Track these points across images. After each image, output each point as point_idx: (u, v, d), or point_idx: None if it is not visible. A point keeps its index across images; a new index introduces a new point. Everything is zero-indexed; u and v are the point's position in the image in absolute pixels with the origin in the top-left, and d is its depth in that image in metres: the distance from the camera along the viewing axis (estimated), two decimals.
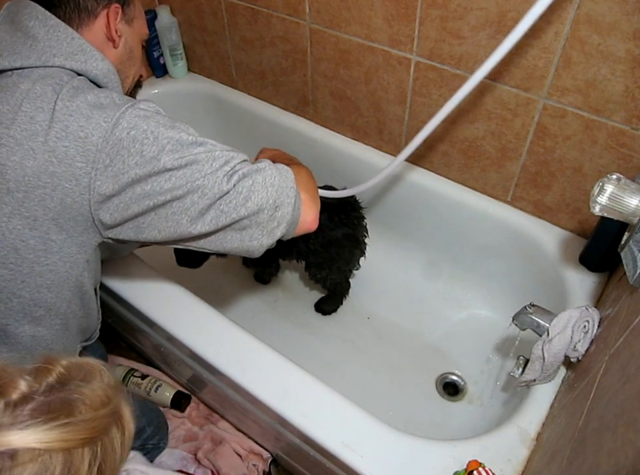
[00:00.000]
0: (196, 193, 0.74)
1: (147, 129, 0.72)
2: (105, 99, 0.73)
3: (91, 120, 0.71)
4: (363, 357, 1.37)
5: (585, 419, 0.66)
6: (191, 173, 0.73)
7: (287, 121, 1.49)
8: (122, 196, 0.73)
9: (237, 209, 0.76)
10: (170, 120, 0.76)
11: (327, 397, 0.94)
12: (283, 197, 0.80)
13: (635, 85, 0.91)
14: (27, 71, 0.74)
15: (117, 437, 0.49)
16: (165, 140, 0.72)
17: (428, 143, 1.27)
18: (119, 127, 0.71)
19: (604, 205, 0.78)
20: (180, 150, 0.73)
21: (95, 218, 0.75)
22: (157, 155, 0.72)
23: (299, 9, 1.24)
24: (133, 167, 0.71)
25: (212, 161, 0.75)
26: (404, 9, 1.07)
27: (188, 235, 0.78)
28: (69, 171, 0.71)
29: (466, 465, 0.84)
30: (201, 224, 0.76)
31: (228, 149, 0.78)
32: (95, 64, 0.78)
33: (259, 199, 0.77)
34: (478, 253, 1.36)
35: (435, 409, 1.27)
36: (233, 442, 1.27)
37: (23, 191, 0.71)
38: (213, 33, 1.48)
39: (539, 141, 1.10)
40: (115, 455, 0.49)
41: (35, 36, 0.75)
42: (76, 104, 0.71)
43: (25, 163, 0.71)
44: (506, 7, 0.95)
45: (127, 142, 0.71)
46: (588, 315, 0.89)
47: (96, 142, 0.70)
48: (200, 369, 1.10)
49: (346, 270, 1.36)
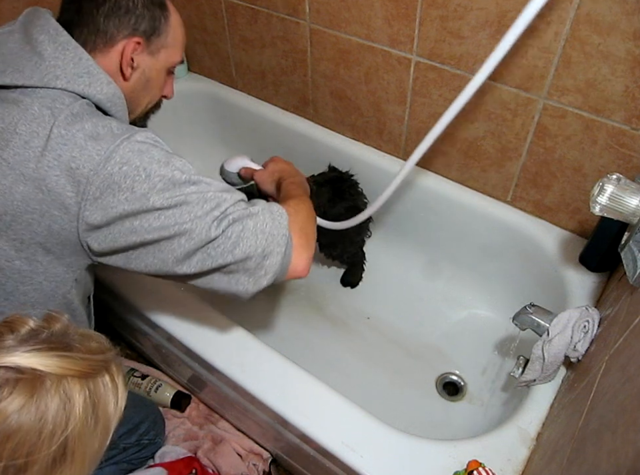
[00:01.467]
0: (183, 236, 0.72)
1: (139, 166, 0.70)
2: (103, 129, 0.72)
3: (84, 151, 0.69)
4: (362, 357, 1.37)
5: (585, 419, 0.66)
6: (180, 214, 0.72)
7: (287, 121, 1.49)
8: (110, 228, 0.72)
9: (224, 255, 0.75)
10: (166, 154, 0.74)
11: (327, 397, 0.94)
12: (273, 246, 0.77)
13: (635, 84, 0.91)
14: (28, 90, 0.72)
15: (109, 386, 0.54)
16: (156, 178, 0.71)
17: None
18: (111, 161, 0.70)
19: (604, 205, 0.78)
20: (171, 189, 0.71)
21: (84, 244, 0.74)
22: (147, 193, 0.70)
23: (298, 9, 1.24)
24: (122, 202, 0.70)
25: (203, 202, 0.73)
26: (404, 9, 1.07)
27: (173, 274, 0.77)
28: (59, 199, 0.70)
29: (466, 465, 0.84)
30: (187, 266, 0.75)
31: (222, 189, 0.76)
32: (99, 88, 0.76)
33: (248, 246, 0.75)
34: (478, 253, 1.36)
35: (435, 409, 1.27)
36: (233, 442, 1.27)
37: (11, 214, 0.71)
38: (213, 33, 1.48)
39: (539, 141, 1.10)
40: (107, 400, 0.53)
41: (41, 53, 0.74)
42: (72, 133, 0.70)
43: (15, 188, 0.70)
44: (506, 7, 0.95)
45: (118, 177, 0.70)
46: (588, 315, 0.89)
47: (87, 174, 0.69)
48: (200, 369, 1.10)
49: (359, 240, 1.38)
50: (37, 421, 0.47)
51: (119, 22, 0.78)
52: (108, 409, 0.54)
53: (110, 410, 0.54)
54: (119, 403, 0.55)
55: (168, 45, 0.85)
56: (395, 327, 1.42)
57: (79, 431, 0.50)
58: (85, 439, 0.51)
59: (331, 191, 1.26)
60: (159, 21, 0.82)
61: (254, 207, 0.77)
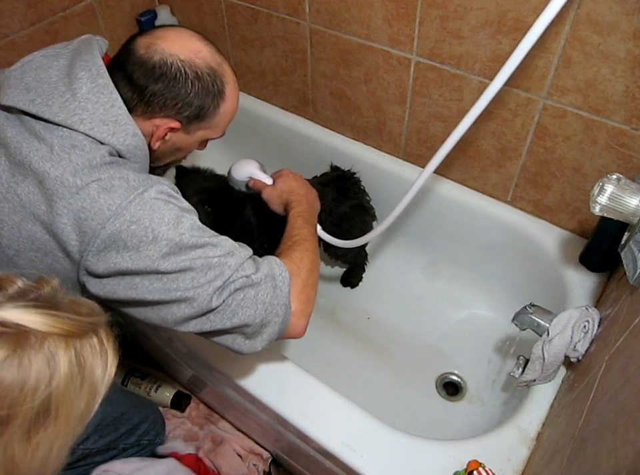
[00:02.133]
0: (183, 303, 0.72)
1: (148, 227, 0.69)
2: (119, 181, 0.71)
3: (95, 204, 0.69)
4: (362, 357, 1.37)
5: (585, 419, 0.66)
6: (182, 280, 0.71)
7: (287, 121, 1.49)
8: (110, 280, 0.71)
9: (223, 321, 0.74)
10: (177, 213, 0.72)
11: (327, 397, 0.94)
12: (272, 316, 0.76)
13: (635, 84, 0.91)
14: (52, 127, 0.72)
15: (97, 349, 0.53)
16: (163, 241, 0.69)
17: (428, 144, 1.27)
18: (120, 218, 0.69)
19: (604, 205, 0.78)
20: (177, 253, 0.70)
21: (82, 284, 0.74)
22: (152, 256, 0.69)
23: (298, 8, 1.24)
24: (126, 260, 0.69)
25: (207, 269, 0.71)
26: (404, 9, 1.07)
27: (171, 330, 0.76)
28: (63, 245, 0.70)
29: (466, 465, 0.84)
30: (184, 327, 0.75)
31: (228, 251, 0.74)
32: (122, 139, 0.74)
33: (247, 316, 0.74)
34: (478, 253, 1.36)
35: (435, 409, 1.27)
36: (233, 442, 1.27)
37: (15, 249, 0.71)
38: (213, 32, 1.48)
39: (539, 141, 1.10)
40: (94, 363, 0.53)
41: (75, 91, 0.72)
42: (86, 183, 0.69)
43: (23, 226, 0.70)
44: (506, 7, 0.95)
45: (125, 235, 0.69)
46: (588, 315, 0.89)
47: (94, 227, 0.68)
48: (200, 369, 1.10)
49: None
50: (19, 375, 0.47)
51: (164, 103, 0.77)
52: (95, 371, 0.53)
53: (97, 373, 0.54)
54: (107, 368, 0.55)
55: (208, 127, 0.84)
56: (395, 327, 1.42)
57: (64, 389, 0.49)
58: (69, 397, 0.50)
59: (335, 190, 1.26)
60: (207, 109, 0.80)
61: (256, 275, 0.75)
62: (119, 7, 1.41)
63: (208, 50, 0.79)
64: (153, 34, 0.77)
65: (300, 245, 0.87)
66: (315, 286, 0.86)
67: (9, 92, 0.73)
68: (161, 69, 0.75)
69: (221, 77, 0.80)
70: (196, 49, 0.78)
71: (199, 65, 0.77)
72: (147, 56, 0.75)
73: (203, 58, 0.78)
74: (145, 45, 0.76)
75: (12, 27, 1.20)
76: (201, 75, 0.77)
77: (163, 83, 0.76)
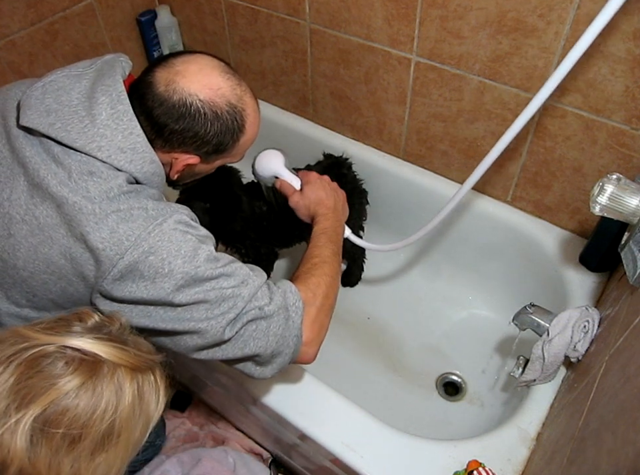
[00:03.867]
0: (196, 334, 0.72)
1: (165, 259, 0.70)
2: (137, 210, 0.71)
3: (114, 234, 0.69)
4: (362, 357, 1.37)
5: (585, 419, 0.66)
6: (196, 311, 0.71)
7: (287, 121, 1.49)
8: (124, 306, 0.72)
9: (234, 351, 0.75)
10: (194, 245, 0.72)
11: (327, 398, 0.94)
12: (283, 347, 0.77)
13: (635, 84, 0.91)
14: (70, 151, 0.71)
15: (153, 386, 0.60)
16: (179, 274, 0.70)
17: (427, 144, 1.27)
18: (139, 249, 0.69)
19: (604, 205, 0.78)
20: (191, 286, 0.71)
21: (94, 305, 0.74)
22: (167, 288, 0.70)
23: (298, 8, 1.23)
24: (141, 289, 0.70)
25: (221, 301, 0.72)
26: (404, 9, 1.07)
27: (183, 355, 0.77)
28: (79, 269, 0.70)
29: (466, 465, 0.84)
30: (196, 355, 0.76)
31: (241, 281, 0.74)
32: (139, 166, 0.74)
33: (258, 347, 0.75)
34: (478, 253, 1.36)
35: (435, 409, 1.27)
36: (233, 442, 1.27)
37: (30, 271, 0.72)
38: (213, 33, 1.48)
39: (539, 141, 1.10)
40: (150, 398, 0.59)
41: (94, 116, 0.72)
42: (105, 213, 0.69)
43: (40, 249, 0.70)
44: (506, 7, 0.95)
45: (142, 265, 0.69)
46: (588, 315, 0.89)
47: (112, 257, 0.69)
48: (200, 369, 1.10)
49: (357, 226, 1.39)
50: (92, 401, 0.54)
51: (182, 141, 0.77)
52: (150, 405, 0.60)
53: (152, 407, 0.60)
54: (159, 404, 0.61)
55: (226, 157, 0.84)
56: (395, 327, 1.42)
57: (127, 417, 0.56)
58: (130, 426, 0.57)
59: (332, 176, 1.27)
60: (227, 144, 0.80)
61: (269, 307, 0.75)
62: (119, 6, 1.41)
63: (229, 85, 0.78)
64: (172, 67, 0.76)
65: (319, 269, 0.86)
66: (329, 312, 0.86)
67: (29, 113, 0.72)
68: (180, 109, 0.75)
69: (241, 111, 0.79)
70: (216, 85, 0.76)
71: (218, 104, 0.76)
72: (166, 94, 0.75)
73: (223, 95, 0.77)
74: (165, 82, 0.75)
75: (12, 26, 1.20)
76: (220, 115, 0.77)
77: (182, 122, 0.75)
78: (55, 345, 0.54)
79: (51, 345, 0.54)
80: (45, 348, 0.54)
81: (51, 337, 0.55)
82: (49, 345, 0.54)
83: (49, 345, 0.54)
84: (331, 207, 0.98)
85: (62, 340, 0.55)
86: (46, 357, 0.54)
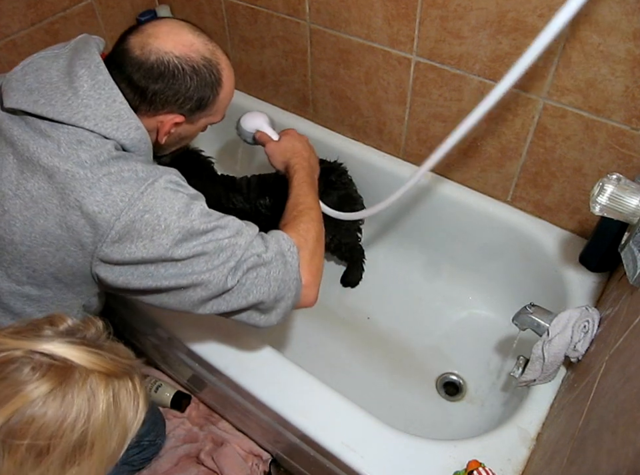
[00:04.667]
0: (199, 286, 0.74)
1: (160, 215, 0.71)
2: (128, 173, 0.72)
3: (108, 196, 0.70)
4: (362, 357, 1.37)
5: (585, 419, 0.66)
6: (197, 263, 0.73)
7: (287, 121, 1.49)
8: (124, 268, 0.73)
9: (239, 300, 0.77)
10: (186, 201, 0.74)
11: (327, 398, 0.94)
12: (285, 291, 0.80)
13: (635, 84, 0.91)
14: (57, 125, 0.73)
15: (131, 393, 0.56)
16: (175, 229, 0.72)
17: (427, 144, 1.27)
18: (134, 208, 0.70)
19: (604, 205, 0.78)
20: (189, 239, 0.73)
21: (94, 276, 0.75)
22: (165, 244, 0.71)
23: (298, 8, 1.23)
24: (140, 249, 0.71)
25: (219, 251, 0.74)
26: (404, 9, 1.07)
27: (188, 313, 0.79)
28: (76, 237, 0.71)
29: (466, 465, 0.84)
30: (202, 309, 0.77)
31: (236, 232, 0.77)
32: (126, 133, 0.76)
33: (261, 293, 0.77)
34: (478, 253, 1.36)
35: (435, 409, 1.27)
36: (233, 443, 1.27)
37: (27, 245, 0.72)
38: (213, 33, 1.48)
39: (539, 141, 1.10)
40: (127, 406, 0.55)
41: (77, 88, 0.73)
42: (97, 177, 0.70)
43: (35, 222, 0.71)
44: (506, 7, 0.95)
45: (139, 224, 0.71)
46: (588, 315, 0.89)
47: (109, 219, 0.70)
48: (200, 369, 1.10)
49: (354, 229, 1.40)
50: (61, 409, 0.49)
51: (166, 100, 0.78)
52: (128, 414, 0.56)
53: (129, 416, 0.56)
54: (138, 413, 0.57)
55: (210, 113, 0.85)
56: (395, 327, 1.42)
57: (100, 427, 0.52)
58: (104, 436, 0.53)
59: (322, 182, 1.27)
60: (208, 99, 0.82)
61: (267, 254, 0.78)
62: (119, 6, 1.41)
63: (200, 41, 0.80)
64: (144, 32, 0.78)
65: (305, 215, 0.90)
66: (322, 255, 0.90)
67: (12, 95, 0.74)
68: (158, 68, 0.76)
69: (217, 65, 0.81)
70: (188, 42, 0.78)
71: (194, 59, 0.78)
72: (143, 57, 0.76)
73: (197, 50, 0.79)
74: (140, 46, 0.76)
75: (12, 26, 1.20)
76: (197, 69, 0.78)
77: (162, 82, 0.76)
78: (22, 350, 0.51)
79: (17, 349, 0.50)
80: (11, 353, 0.50)
81: (18, 342, 0.51)
82: (16, 350, 0.50)
83: (16, 350, 0.50)
84: (306, 158, 1.03)
85: (30, 344, 0.51)
86: (11, 362, 0.50)
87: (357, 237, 1.43)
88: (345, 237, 1.37)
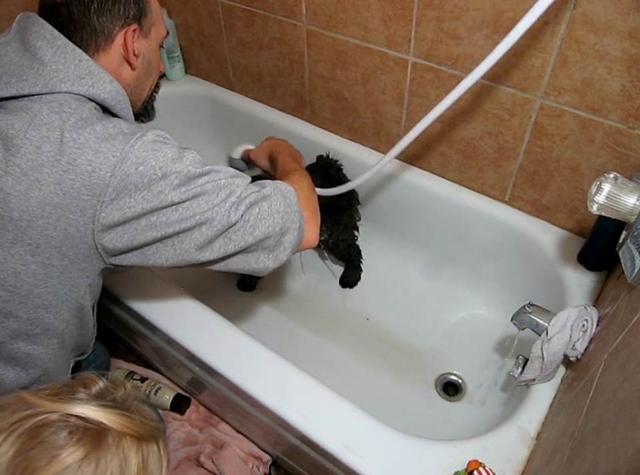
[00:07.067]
0: (204, 225, 0.75)
1: (155, 165, 0.72)
2: (113, 130, 0.72)
3: (99, 154, 0.70)
4: (362, 357, 1.37)
5: (585, 418, 0.66)
6: (197, 204, 0.74)
7: (285, 123, 1.49)
8: (127, 227, 0.73)
9: (245, 237, 0.78)
10: (177, 150, 0.75)
11: (327, 398, 0.94)
12: (289, 223, 0.82)
13: (631, 84, 0.92)
14: (35, 97, 0.72)
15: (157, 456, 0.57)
16: (172, 175, 0.72)
17: (425, 144, 1.28)
18: (127, 162, 0.70)
19: (601, 204, 0.78)
20: (187, 183, 0.73)
21: (98, 246, 0.75)
22: (164, 190, 0.72)
23: (295, 10, 1.24)
24: (140, 201, 0.71)
25: (218, 190, 0.75)
26: (400, 10, 1.07)
27: (195, 262, 0.79)
28: (74, 203, 0.71)
29: (466, 465, 0.84)
30: (209, 252, 0.78)
31: (232, 174, 0.79)
32: (102, 87, 0.76)
33: (266, 227, 0.79)
34: (476, 253, 1.37)
35: (435, 409, 1.27)
36: (233, 445, 1.27)
37: (26, 220, 0.71)
38: (210, 35, 1.48)
39: (536, 141, 1.10)
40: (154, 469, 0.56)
41: (41, 59, 0.74)
42: (84, 137, 0.70)
43: (30, 194, 0.70)
44: (502, 8, 0.96)
45: (134, 177, 0.71)
46: (586, 314, 0.89)
47: (103, 176, 0.70)
48: (199, 371, 1.10)
49: (352, 226, 1.40)
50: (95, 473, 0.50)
51: (110, 15, 0.78)
52: None
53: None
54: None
55: (154, 21, 0.86)
56: (394, 328, 1.42)
57: None
58: None
59: (319, 177, 1.29)
60: (142, 1, 0.82)
61: (266, 189, 0.81)
62: None
63: None
64: None
65: (295, 173, 0.95)
66: (316, 203, 0.93)
67: None
68: None
69: None
70: None
71: None
72: None
73: None
74: None
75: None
76: None
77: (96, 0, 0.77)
78: (59, 413, 0.52)
79: (54, 413, 0.52)
80: (49, 416, 0.51)
81: (55, 405, 0.52)
82: (53, 413, 0.52)
83: (53, 413, 0.52)
84: (287, 147, 1.11)
85: (66, 408, 0.52)
86: (49, 426, 0.51)
87: (353, 234, 1.43)
88: (342, 233, 1.38)
